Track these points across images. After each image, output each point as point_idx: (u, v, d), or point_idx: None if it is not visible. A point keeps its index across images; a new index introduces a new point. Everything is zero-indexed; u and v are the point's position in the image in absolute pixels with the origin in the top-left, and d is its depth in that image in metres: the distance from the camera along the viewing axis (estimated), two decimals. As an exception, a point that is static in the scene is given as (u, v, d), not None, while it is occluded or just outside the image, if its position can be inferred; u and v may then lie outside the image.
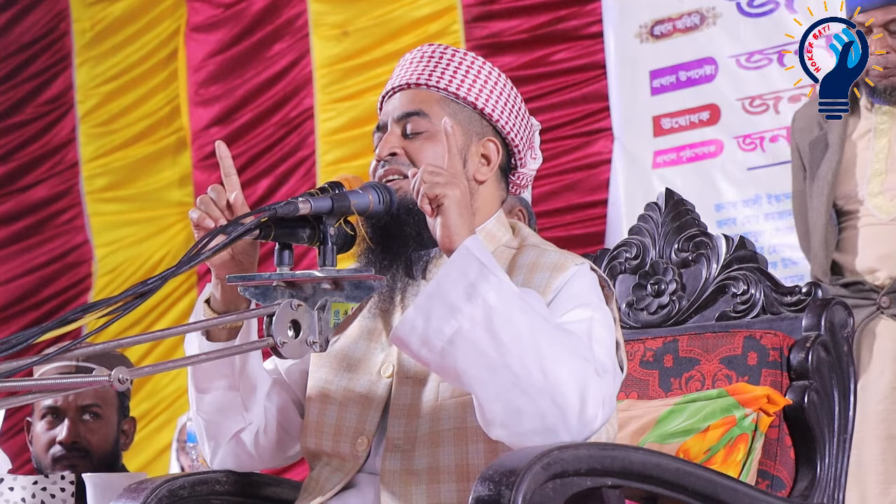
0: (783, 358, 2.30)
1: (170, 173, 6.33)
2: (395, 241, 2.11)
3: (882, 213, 3.56)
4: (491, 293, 1.88)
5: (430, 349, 1.89)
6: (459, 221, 1.95)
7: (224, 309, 2.12)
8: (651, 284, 2.52)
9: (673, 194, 2.55)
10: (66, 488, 2.91)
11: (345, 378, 2.17)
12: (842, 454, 2.29)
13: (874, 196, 3.57)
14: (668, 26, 4.86)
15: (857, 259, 3.57)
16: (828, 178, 3.63)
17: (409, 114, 2.14)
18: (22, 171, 6.65)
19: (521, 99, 2.23)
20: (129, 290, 1.71)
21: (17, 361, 1.60)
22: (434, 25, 5.45)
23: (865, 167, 3.60)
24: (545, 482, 1.76)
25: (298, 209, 1.91)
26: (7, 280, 6.60)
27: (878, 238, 3.56)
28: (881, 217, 3.56)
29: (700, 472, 2.00)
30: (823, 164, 3.66)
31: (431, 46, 2.20)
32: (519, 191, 2.30)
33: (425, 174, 1.97)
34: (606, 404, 1.92)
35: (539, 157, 2.28)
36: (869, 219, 3.59)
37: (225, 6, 6.14)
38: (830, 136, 3.66)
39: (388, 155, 2.13)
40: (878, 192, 3.56)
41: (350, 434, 2.13)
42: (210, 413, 2.20)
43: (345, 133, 5.71)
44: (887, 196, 3.56)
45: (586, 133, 5.10)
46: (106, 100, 6.50)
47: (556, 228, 5.02)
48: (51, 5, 6.61)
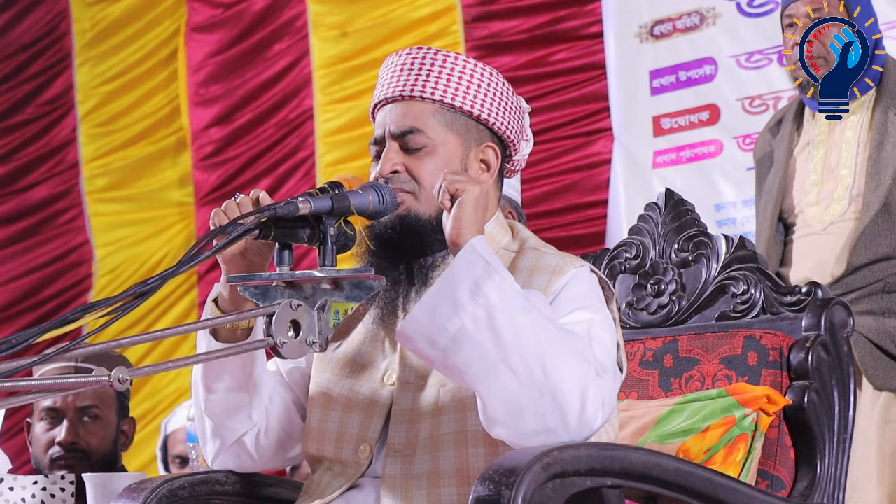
0: (783, 358, 2.30)
1: (170, 173, 6.33)
2: (399, 252, 2.11)
3: (816, 223, 3.55)
4: (494, 292, 1.88)
5: (434, 346, 1.89)
6: (473, 217, 1.96)
7: (231, 308, 2.12)
8: (651, 284, 2.52)
9: (673, 194, 2.55)
10: (66, 488, 2.91)
11: (348, 383, 2.17)
12: (842, 454, 2.29)
13: (811, 206, 3.57)
14: (668, 26, 4.86)
15: (793, 270, 3.57)
16: (772, 193, 3.63)
17: (406, 132, 2.13)
18: (22, 172, 6.65)
19: (511, 89, 2.22)
20: (129, 290, 1.71)
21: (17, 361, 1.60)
22: (434, 26, 5.44)
23: (804, 179, 3.60)
24: (545, 482, 1.77)
25: (298, 209, 1.91)
26: (7, 280, 6.60)
27: (813, 247, 3.55)
28: (816, 226, 3.55)
29: (700, 472, 2.00)
30: (769, 179, 3.68)
31: (420, 51, 2.17)
32: (512, 176, 2.30)
33: (447, 174, 2.00)
34: (606, 405, 1.92)
35: (530, 140, 2.28)
36: (805, 229, 3.58)
37: (225, 6, 6.14)
38: (776, 153, 3.68)
39: (389, 172, 2.13)
40: (814, 202, 3.56)
41: (353, 441, 2.13)
42: (217, 413, 2.21)
43: (344, 134, 5.71)
44: (822, 205, 3.55)
45: (586, 133, 5.09)
46: (106, 100, 6.50)
47: (556, 228, 5.02)
48: (51, 5, 6.61)
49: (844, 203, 3.52)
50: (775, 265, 3.61)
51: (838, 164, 3.54)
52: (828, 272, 3.49)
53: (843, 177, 3.53)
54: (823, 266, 3.51)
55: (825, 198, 3.55)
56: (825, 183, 3.56)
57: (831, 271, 3.49)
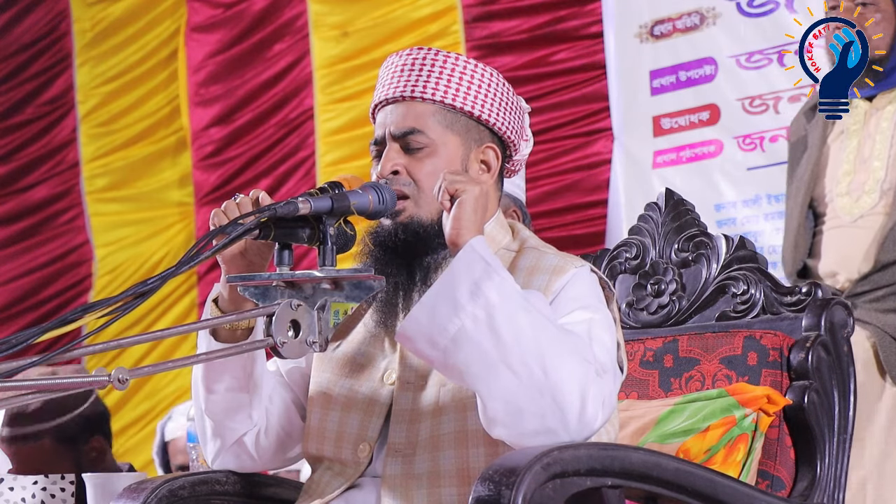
0: (783, 358, 2.30)
1: (170, 173, 6.33)
2: (402, 257, 2.11)
3: (846, 214, 3.52)
4: (494, 292, 1.89)
5: (434, 347, 1.90)
6: (473, 217, 1.97)
7: (231, 308, 2.12)
8: (651, 284, 2.52)
9: (673, 194, 2.55)
10: (66, 488, 2.91)
11: (347, 383, 2.17)
12: (842, 454, 2.29)
13: (841, 197, 3.54)
14: (668, 26, 4.86)
15: (821, 262, 3.55)
16: (804, 179, 3.60)
17: (406, 132, 2.13)
18: (22, 172, 6.65)
19: (511, 90, 2.22)
20: (129, 290, 1.71)
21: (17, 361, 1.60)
22: (434, 26, 5.45)
23: (837, 168, 3.58)
24: (545, 482, 1.77)
25: (298, 209, 1.91)
26: (7, 280, 6.60)
27: (841, 240, 3.52)
28: (845, 218, 3.52)
29: (700, 472, 2.00)
30: (801, 165, 3.64)
31: (421, 51, 2.17)
32: (512, 175, 2.30)
33: (447, 174, 2.01)
34: (606, 405, 1.92)
35: (530, 139, 2.29)
36: (835, 221, 3.55)
37: (225, 6, 6.14)
38: (810, 138, 3.64)
39: (389, 173, 2.13)
40: (844, 192, 3.53)
41: (352, 440, 2.13)
42: (217, 414, 2.21)
43: (345, 134, 5.71)
44: (853, 196, 3.52)
45: (586, 133, 5.10)
46: (106, 100, 6.50)
47: (556, 228, 5.02)
48: (51, 5, 6.61)
49: (875, 196, 3.49)
50: (804, 254, 3.58)
51: (871, 155, 3.51)
52: (855, 268, 3.47)
53: (875, 169, 3.50)
54: (851, 261, 3.48)
55: (856, 189, 3.52)
56: (857, 173, 3.52)
57: (858, 267, 3.46)
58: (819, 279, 3.52)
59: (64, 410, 3.34)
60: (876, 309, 3.44)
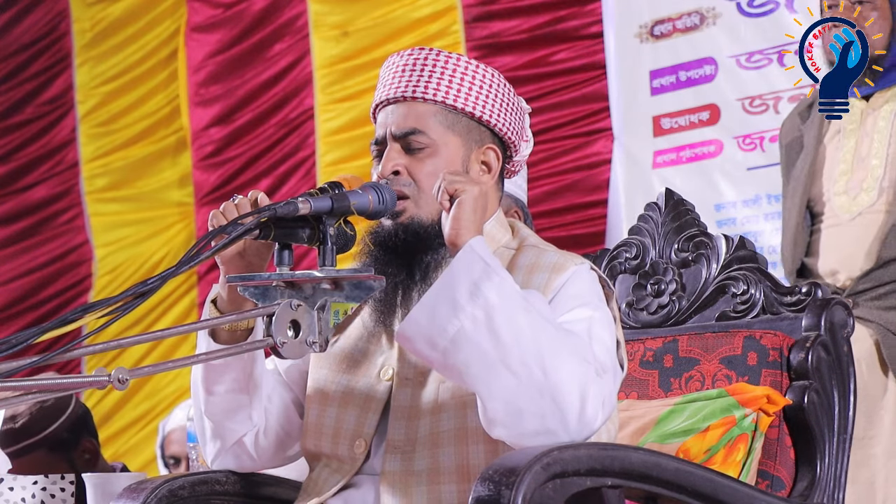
0: (783, 358, 2.30)
1: (170, 173, 6.33)
2: (402, 257, 2.11)
3: (844, 213, 3.52)
4: (493, 293, 1.89)
5: (434, 347, 1.90)
6: (472, 217, 1.97)
7: (230, 308, 2.12)
8: (651, 284, 2.52)
9: (673, 194, 2.55)
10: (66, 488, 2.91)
11: (344, 379, 2.17)
12: (842, 454, 2.29)
13: (839, 195, 3.53)
14: (668, 26, 4.86)
15: (820, 261, 3.54)
16: (801, 179, 3.60)
17: (407, 133, 2.14)
18: (22, 172, 6.65)
19: (511, 90, 2.22)
20: (129, 290, 1.71)
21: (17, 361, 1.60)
22: (434, 26, 5.44)
23: (833, 168, 3.57)
24: (545, 482, 1.77)
25: (298, 209, 1.91)
26: (7, 280, 6.60)
27: (840, 238, 3.52)
28: (843, 217, 3.52)
29: (700, 472, 2.00)
30: (798, 165, 3.65)
31: (422, 52, 2.17)
32: (512, 176, 2.30)
33: (447, 174, 2.01)
34: (606, 404, 1.92)
35: (531, 140, 2.29)
36: (833, 219, 3.55)
37: (225, 6, 6.14)
38: (806, 138, 3.64)
39: (390, 173, 2.13)
40: (842, 191, 3.53)
41: (348, 436, 2.13)
42: (217, 415, 2.21)
43: (345, 133, 5.71)
44: (850, 195, 3.51)
45: (586, 133, 5.09)
46: (106, 100, 6.50)
47: (556, 228, 5.02)
48: (51, 5, 6.61)
49: (874, 194, 3.48)
50: (801, 253, 3.58)
51: (869, 153, 3.51)
52: (857, 265, 3.47)
53: (873, 167, 3.50)
54: (852, 259, 3.48)
55: (854, 187, 3.51)
56: (854, 172, 3.52)
57: (860, 265, 3.46)
58: (819, 278, 3.52)
59: (52, 419, 3.34)
60: (878, 306, 3.44)
